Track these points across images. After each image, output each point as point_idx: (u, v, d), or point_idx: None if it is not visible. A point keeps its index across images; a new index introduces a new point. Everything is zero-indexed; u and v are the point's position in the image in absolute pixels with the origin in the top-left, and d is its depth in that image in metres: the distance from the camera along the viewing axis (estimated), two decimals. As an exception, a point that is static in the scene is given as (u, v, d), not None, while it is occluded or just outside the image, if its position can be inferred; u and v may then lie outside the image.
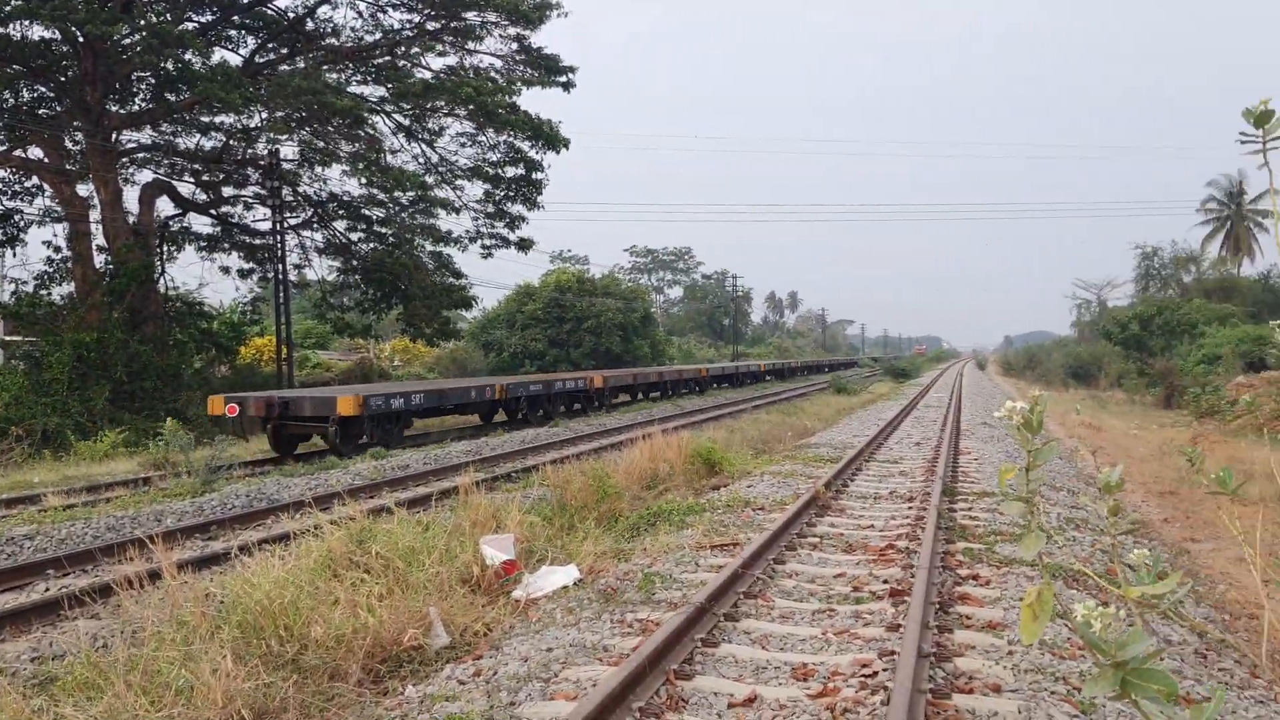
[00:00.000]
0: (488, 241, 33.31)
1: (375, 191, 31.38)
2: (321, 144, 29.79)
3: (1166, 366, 41.15)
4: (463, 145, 31.74)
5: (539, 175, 32.05)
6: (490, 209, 32.85)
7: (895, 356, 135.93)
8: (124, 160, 28.40)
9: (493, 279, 54.64)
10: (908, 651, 5.70)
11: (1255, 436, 22.71)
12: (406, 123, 31.16)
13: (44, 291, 27.84)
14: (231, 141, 29.50)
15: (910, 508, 11.76)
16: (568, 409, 30.63)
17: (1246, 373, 33.71)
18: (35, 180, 27.85)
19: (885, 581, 8.01)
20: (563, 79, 30.57)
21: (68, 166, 26.43)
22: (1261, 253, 64.93)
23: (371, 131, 30.01)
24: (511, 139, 30.90)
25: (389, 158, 30.51)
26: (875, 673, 5.74)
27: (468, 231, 33.35)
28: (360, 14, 29.63)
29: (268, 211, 31.22)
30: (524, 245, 33.39)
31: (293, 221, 32.04)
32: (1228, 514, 2.68)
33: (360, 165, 29.23)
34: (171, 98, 27.50)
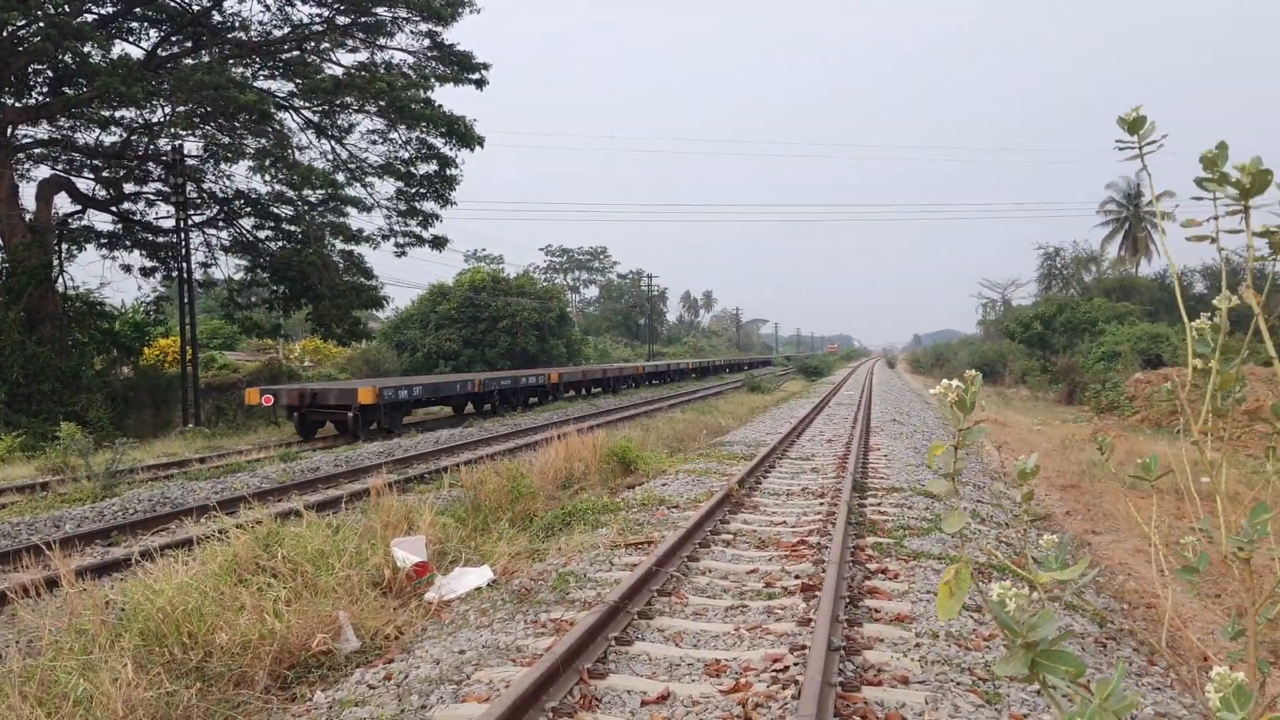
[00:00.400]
0: (401, 239, 32.87)
1: (283, 189, 30.72)
2: (227, 140, 29.03)
3: (1068, 364, 42.42)
4: (374, 142, 31.29)
5: (453, 172, 31.77)
6: (403, 206, 32.43)
7: (808, 355, 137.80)
8: (20, 155, 27.41)
9: (406, 278, 54.05)
10: (818, 646, 5.76)
11: (1151, 431, 23.50)
12: (316, 119, 30.59)
13: (-65, 291, 26.70)
14: (133, 137, 28.62)
15: (822, 504, 11.91)
16: (524, 402, 33.48)
17: (1144, 369, 34.91)
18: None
19: (797, 577, 8.09)
20: (475, 76, 30.29)
21: (-42, 162, 25.44)
22: (1158, 253, 67.16)
23: (279, 127, 29.37)
24: (424, 135, 30.56)
25: (297, 154, 29.90)
26: (786, 667, 5.79)
27: (380, 229, 32.89)
28: (268, 7, 28.93)
29: (171, 209, 30.41)
30: (438, 243, 33.04)
31: (197, 219, 31.18)
32: (1134, 505, 2.75)
33: (267, 162, 28.60)
34: (70, 91, 26.59)
